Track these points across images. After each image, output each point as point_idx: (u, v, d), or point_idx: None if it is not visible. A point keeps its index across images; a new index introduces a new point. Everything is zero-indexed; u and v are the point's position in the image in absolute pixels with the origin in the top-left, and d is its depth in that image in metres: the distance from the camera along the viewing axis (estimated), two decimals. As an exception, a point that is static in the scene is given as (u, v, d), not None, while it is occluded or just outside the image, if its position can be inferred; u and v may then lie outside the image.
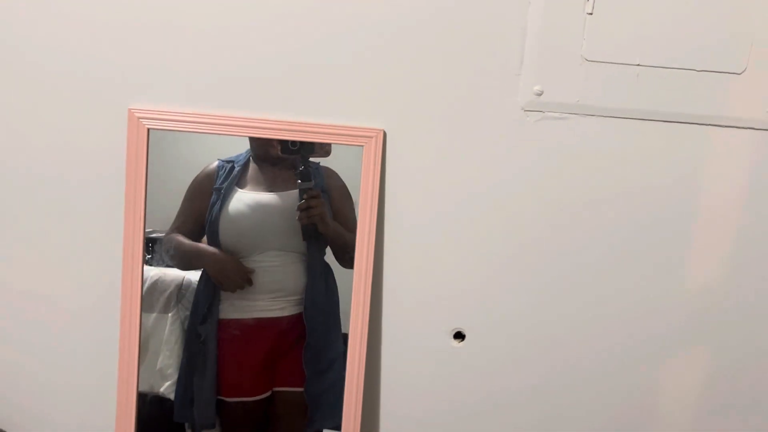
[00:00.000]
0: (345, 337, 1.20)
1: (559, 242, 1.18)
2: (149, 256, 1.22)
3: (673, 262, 1.20)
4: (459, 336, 1.23)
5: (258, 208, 1.21)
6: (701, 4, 1.08)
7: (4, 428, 1.25)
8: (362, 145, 1.11)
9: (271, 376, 1.27)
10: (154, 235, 1.22)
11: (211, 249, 1.21)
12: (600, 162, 1.15)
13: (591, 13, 1.08)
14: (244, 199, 1.20)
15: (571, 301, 1.21)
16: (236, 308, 1.23)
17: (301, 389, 1.25)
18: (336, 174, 1.18)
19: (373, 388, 1.24)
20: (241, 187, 1.21)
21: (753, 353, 1.24)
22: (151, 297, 1.24)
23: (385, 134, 1.13)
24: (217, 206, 1.20)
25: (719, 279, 1.21)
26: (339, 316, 1.23)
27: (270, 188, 1.21)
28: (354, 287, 1.15)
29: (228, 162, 1.21)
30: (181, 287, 1.26)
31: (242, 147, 1.20)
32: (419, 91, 1.12)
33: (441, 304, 1.21)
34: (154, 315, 1.25)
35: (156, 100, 1.11)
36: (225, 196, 1.20)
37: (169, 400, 1.26)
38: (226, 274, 1.21)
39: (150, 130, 1.10)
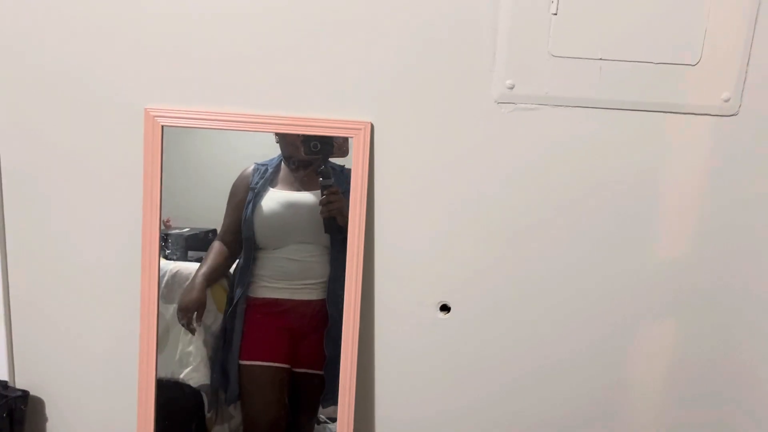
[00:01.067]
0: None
1: (533, 222, 1.29)
2: (168, 251, 1.32)
3: (640, 239, 1.29)
4: (445, 308, 1.34)
5: (289, 206, 1.32)
6: (656, 3, 1.17)
7: (40, 396, 1.39)
8: (351, 137, 1.23)
9: (293, 355, 1.37)
10: (172, 231, 1.32)
11: (201, 290, 1.33)
12: (568, 148, 1.25)
13: (555, 14, 1.18)
14: (276, 197, 1.32)
15: (545, 274, 1.31)
16: (267, 290, 1.34)
17: (320, 372, 1.35)
18: None
19: (367, 355, 1.35)
20: (273, 186, 1.32)
21: (715, 320, 1.34)
22: (170, 289, 1.32)
23: (372, 126, 1.24)
24: (251, 204, 1.32)
25: (684, 254, 1.30)
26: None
27: (299, 188, 1.32)
28: (347, 264, 1.27)
29: (262, 165, 1.32)
30: None
31: (249, 140, 1.30)
32: (403, 88, 1.23)
33: (428, 280, 1.32)
34: (173, 306, 1.33)
35: (169, 100, 1.24)
36: (259, 195, 1.32)
37: (188, 385, 1.35)
38: (186, 305, 1.33)
39: (164, 127, 1.23)
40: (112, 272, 1.33)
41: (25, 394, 1.32)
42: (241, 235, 1.32)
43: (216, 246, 1.33)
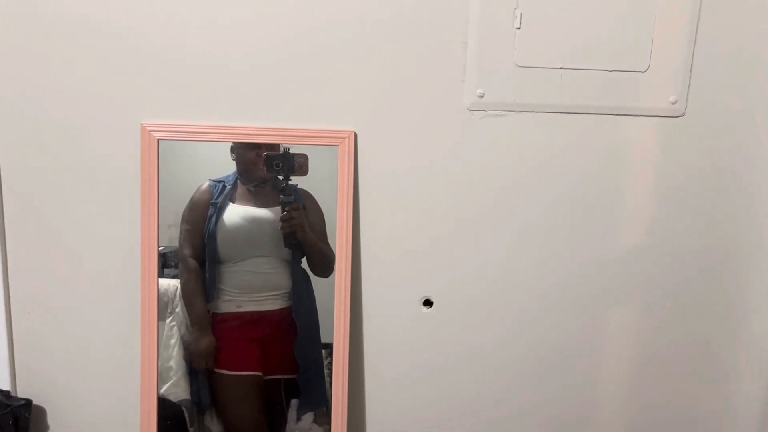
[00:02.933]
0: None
1: (505, 219, 1.39)
2: None
3: (603, 232, 1.40)
4: (428, 303, 1.43)
5: (250, 220, 1.38)
6: (609, 17, 1.29)
7: (41, 404, 1.43)
8: (337, 145, 1.32)
9: (263, 362, 1.42)
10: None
11: (208, 331, 1.39)
12: (535, 149, 1.35)
13: (519, 28, 1.29)
14: (237, 212, 1.37)
15: (518, 267, 1.41)
16: (232, 303, 1.40)
17: (288, 376, 1.42)
18: (311, 195, 1.36)
19: (356, 348, 1.43)
20: (234, 202, 1.38)
21: (669, 306, 1.46)
22: None
23: (356, 135, 1.33)
24: (214, 218, 1.37)
25: (642, 243, 1.42)
26: (317, 314, 1.40)
27: (259, 204, 1.38)
28: (336, 264, 1.35)
29: (218, 182, 1.37)
30: (176, 296, 1.38)
31: (213, 154, 1.36)
32: (383, 98, 1.32)
33: (411, 277, 1.41)
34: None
35: (163, 115, 1.31)
36: (221, 210, 1.37)
37: (169, 400, 1.37)
38: (200, 351, 1.40)
39: (159, 141, 1.30)
40: (112, 283, 1.38)
41: (28, 402, 1.35)
42: (205, 250, 1.38)
43: (193, 266, 1.38)
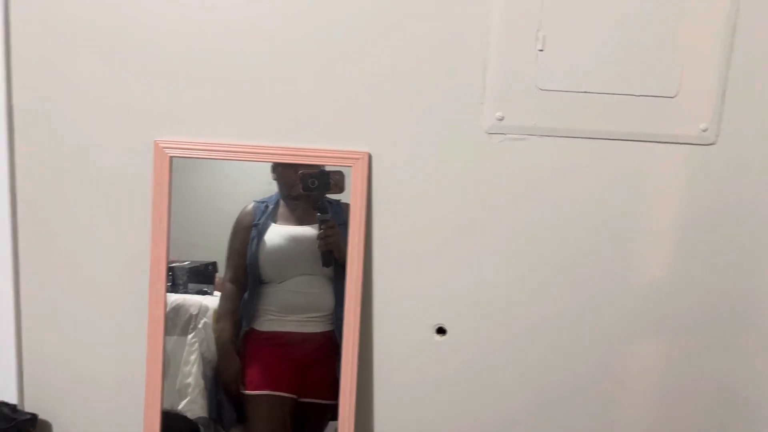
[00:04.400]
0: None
1: (523, 247, 1.34)
2: (168, 284, 1.35)
3: (626, 263, 1.35)
4: (441, 331, 1.39)
5: (291, 239, 1.38)
6: (637, 39, 1.25)
7: (47, 419, 1.42)
8: (350, 166, 1.29)
9: (298, 385, 1.40)
10: (174, 264, 1.36)
11: (234, 355, 1.40)
12: (556, 175, 1.31)
13: (542, 50, 1.26)
14: (278, 231, 1.37)
15: (535, 297, 1.36)
16: (273, 323, 1.39)
17: (325, 401, 1.38)
18: None
19: (366, 378, 1.39)
20: (275, 222, 1.38)
21: (695, 341, 1.38)
22: (172, 321, 1.36)
23: (370, 156, 1.31)
24: (256, 240, 1.37)
25: (666, 277, 1.35)
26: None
27: (299, 222, 1.37)
28: (347, 290, 1.31)
29: (261, 202, 1.38)
30: (199, 312, 1.39)
31: (249, 173, 1.36)
32: (400, 120, 1.30)
33: (425, 304, 1.37)
34: (174, 338, 1.37)
35: (177, 133, 1.31)
36: (262, 231, 1.37)
37: (185, 417, 1.37)
38: (230, 373, 1.40)
39: (172, 158, 1.30)
40: (122, 300, 1.38)
41: (33, 417, 1.35)
42: (247, 272, 1.37)
43: (230, 291, 1.39)
